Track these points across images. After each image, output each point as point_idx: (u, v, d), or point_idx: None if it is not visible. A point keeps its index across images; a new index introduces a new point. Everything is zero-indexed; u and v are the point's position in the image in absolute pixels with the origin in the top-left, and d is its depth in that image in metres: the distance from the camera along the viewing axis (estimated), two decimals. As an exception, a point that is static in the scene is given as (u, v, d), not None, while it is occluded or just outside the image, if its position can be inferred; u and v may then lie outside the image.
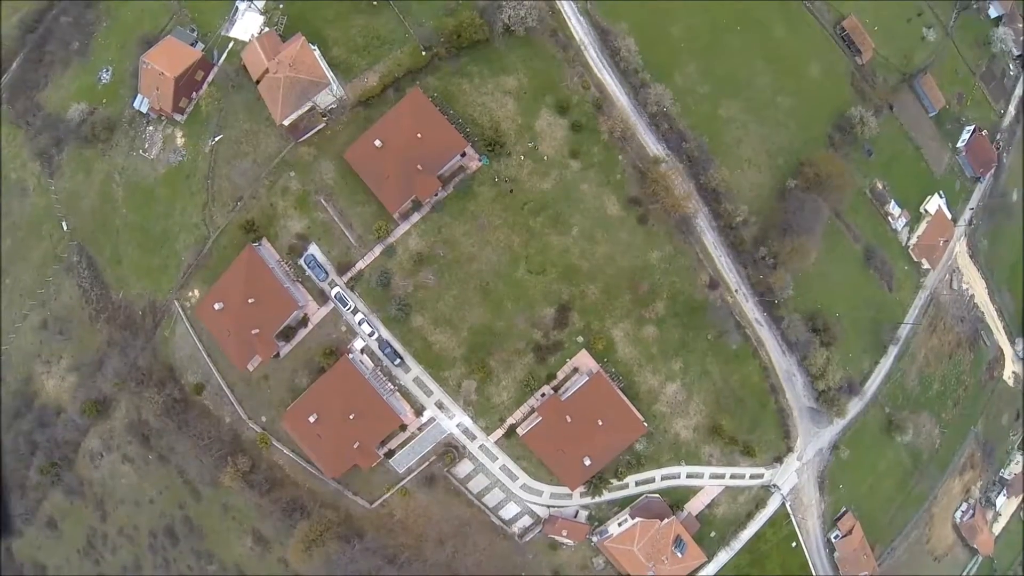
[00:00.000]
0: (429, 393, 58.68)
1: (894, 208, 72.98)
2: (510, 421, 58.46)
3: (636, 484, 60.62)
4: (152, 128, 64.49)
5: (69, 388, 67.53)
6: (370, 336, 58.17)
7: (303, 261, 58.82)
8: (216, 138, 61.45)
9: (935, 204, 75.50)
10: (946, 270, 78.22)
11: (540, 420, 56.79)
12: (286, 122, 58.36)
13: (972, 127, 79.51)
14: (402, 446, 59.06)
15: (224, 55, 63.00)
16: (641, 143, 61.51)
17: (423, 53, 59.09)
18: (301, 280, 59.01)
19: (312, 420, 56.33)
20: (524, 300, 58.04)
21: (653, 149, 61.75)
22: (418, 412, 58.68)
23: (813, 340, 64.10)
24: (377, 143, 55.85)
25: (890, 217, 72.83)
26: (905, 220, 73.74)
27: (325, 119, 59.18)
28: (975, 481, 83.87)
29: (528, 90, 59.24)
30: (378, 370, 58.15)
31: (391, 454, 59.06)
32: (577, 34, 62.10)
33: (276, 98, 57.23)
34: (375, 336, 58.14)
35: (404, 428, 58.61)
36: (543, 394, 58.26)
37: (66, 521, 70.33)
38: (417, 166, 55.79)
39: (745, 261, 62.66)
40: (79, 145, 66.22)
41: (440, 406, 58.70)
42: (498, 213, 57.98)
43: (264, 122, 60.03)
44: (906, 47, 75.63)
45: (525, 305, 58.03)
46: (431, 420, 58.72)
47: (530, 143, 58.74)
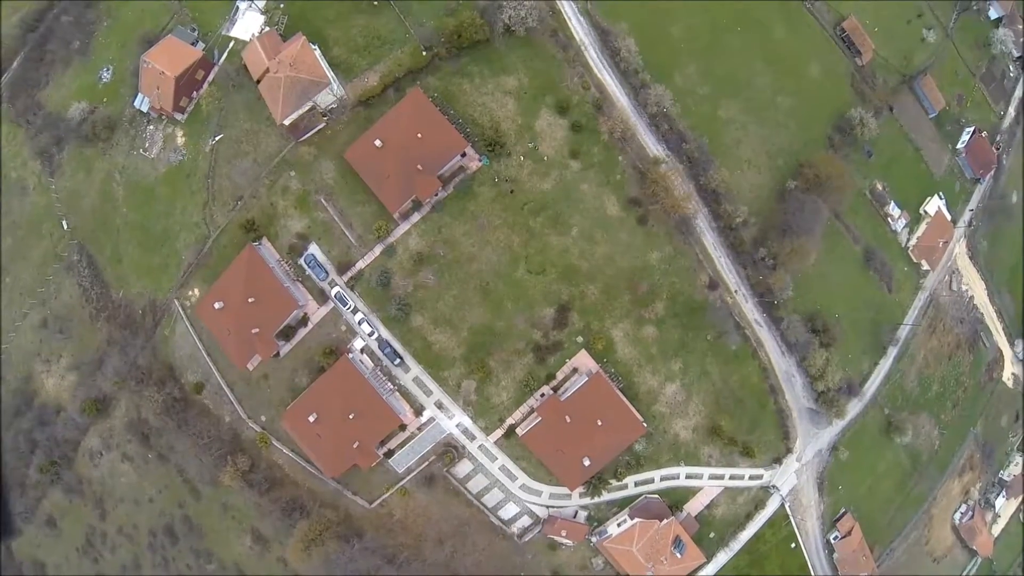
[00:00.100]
0: (429, 393, 58.77)
1: (894, 209, 73.04)
2: (509, 421, 58.54)
3: (635, 485, 60.70)
4: (153, 127, 64.56)
5: (69, 387, 67.62)
6: (370, 336, 58.24)
7: (303, 260, 58.92)
8: (216, 137, 61.54)
9: (935, 205, 75.59)
10: (946, 271, 78.26)
11: (539, 420, 56.88)
12: (286, 122, 58.44)
13: (972, 128, 79.55)
14: (401, 446, 59.14)
15: (225, 54, 63.07)
16: (641, 144, 61.60)
17: (423, 53, 59.18)
18: (301, 279, 59.08)
19: (312, 420, 56.42)
20: (524, 300, 58.13)
21: (653, 150, 61.83)
22: (418, 412, 58.76)
23: (812, 341, 64.16)
24: (377, 143, 55.93)
25: (890, 218, 72.90)
26: (905, 221, 73.81)
27: (325, 119, 59.27)
28: (974, 482, 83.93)
29: (528, 90, 59.33)
30: (378, 370, 58.22)
31: (390, 454, 59.14)
32: (577, 34, 62.19)
33: (277, 98, 57.32)
34: (375, 336, 58.21)
35: (404, 428, 58.68)
36: (542, 394, 58.33)
37: (65, 520, 70.43)
38: (417, 166, 55.88)
39: (745, 262, 62.75)
40: (80, 144, 66.34)
41: (440, 406, 58.78)
42: (498, 213, 58.06)
43: (264, 122, 60.12)
44: (906, 48, 75.71)
45: (525, 305, 58.12)
46: (431, 420, 58.79)
47: (530, 143, 58.84)
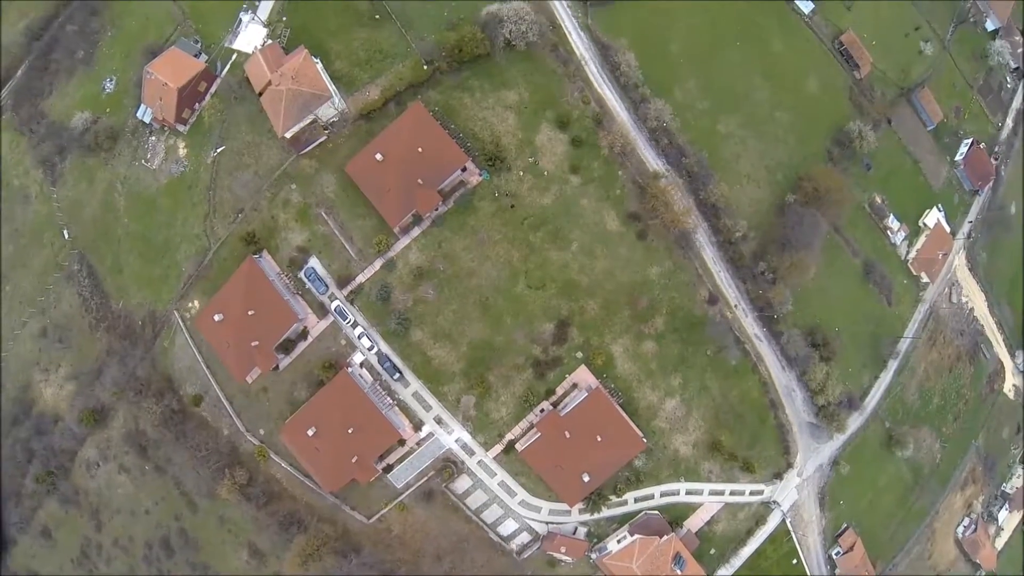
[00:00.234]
0: (428, 408, 58.60)
1: (893, 222, 73.15)
2: (509, 437, 58.34)
3: (635, 501, 60.36)
4: (155, 138, 64.79)
5: (67, 396, 67.42)
6: (369, 350, 58.15)
7: (303, 274, 58.93)
8: (218, 149, 61.73)
9: (934, 218, 75.75)
10: (945, 283, 78.22)
11: (539, 436, 56.65)
12: (288, 134, 58.62)
13: (970, 140, 79.87)
14: (400, 461, 58.88)
15: (227, 67, 63.38)
16: (641, 158, 61.78)
17: (425, 67, 59.45)
18: (301, 293, 59.07)
19: (311, 433, 56.22)
20: (523, 315, 58.09)
21: (653, 164, 62.00)
22: (417, 427, 58.56)
23: (812, 355, 64.03)
24: (378, 157, 56.09)
25: (889, 231, 73.01)
26: (904, 234, 73.91)
27: (327, 132, 59.45)
28: (977, 495, 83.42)
29: (529, 105, 59.56)
30: (377, 384, 58.06)
31: (389, 469, 58.87)
32: (578, 49, 62.53)
33: (278, 110, 57.53)
34: (374, 350, 58.11)
35: (403, 443, 58.46)
36: (542, 410, 58.17)
37: (61, 530, 69.98)
38: (418, 180, 55.99)
39: (744, 276, 62.77)
40: (82, 154, 66.56)
41: (439, 421, 58.59)
42: (498, 228, 58.14)
43: (266, 134, 60.31)
44: (904, 61, 76.21)
45: (524, 320, 58.07)
46: (430, 435, 58.57)
47: (530, 158, 59.01)
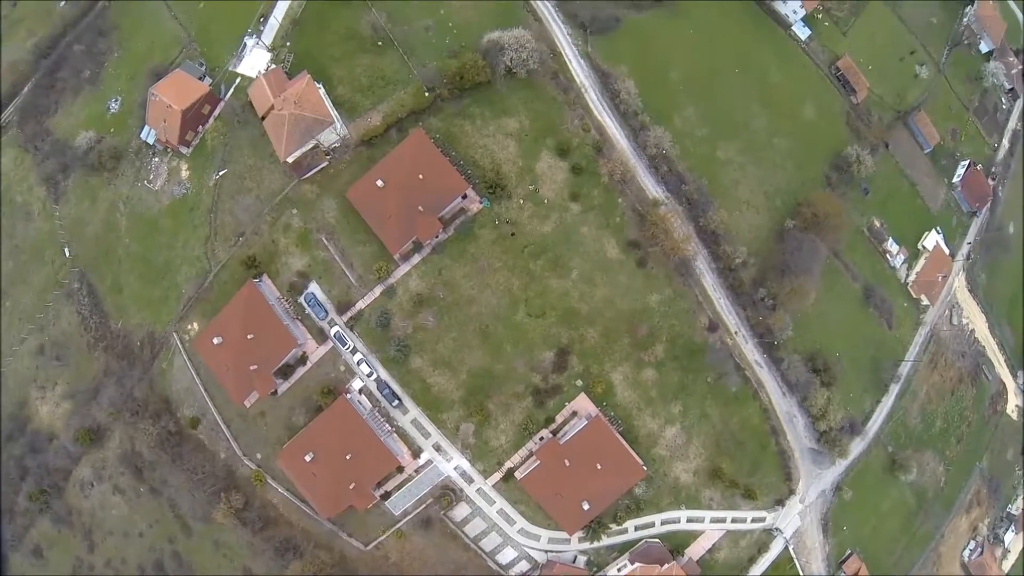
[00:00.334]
0: (427, 435, 58.27)
1: (892, 245, 73.45)
2: (508, 465, 57.97)
3: (635, 529, 59.77)
4: (158, 159, 65.16)
5: (63, 415, 66.97)
6: (369, 376, 57.94)
7: (303, 299, 58.94)
8: (220, 172, 62.01)
9: (933, 240, 76.06)
10: (945, 305, 78.24)
11: (538, 464, 56.25)
12: (290, 159, 58.94)
13: (967, 162, 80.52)
14: (399, 488, 58.40)
15: (231, 90, 63.97)
16: (641, 185, 62.11)
17: (426, 94, 59.92)
18: (301, 318, 59.02)
19: (308, 459, 55.83)
20: (523, 343, 57.99)
21: (652, 191, 62.32)
22: (415, 454, 58.17)
23: (813, 380, 63.87)
24: (379, 183, 56.35)
25: (888, 255, 73.26)
26: (903, 257, 74.18)
27: (328, 157, 59.77)
28: (982, 518, 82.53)
29: (529, 132, 59.98)
30: (376, 411, 57.77)
31: (387, 496, 58.36)
32: (578, 77, 63.14)
33: (280, 135, 57.89)
34: (374, 376, 57.91)
35: (401, 470, 58.02)
36: (541, 438, 57.85)
37: (53, 550, 68.98)
38: (418, 207, 56.19)
39: (744, 303, 62.84)
40: (85, 172, 66.93)
41: (438, 448, 58.24)
42: (498, 256, 58.22)
43: (268, 158, 60.64)
44: (900, 85, 77.12)
45: (524, 348, 57.95)
46: (428, 462, 58.16)
47: (531, 186, 59.28)
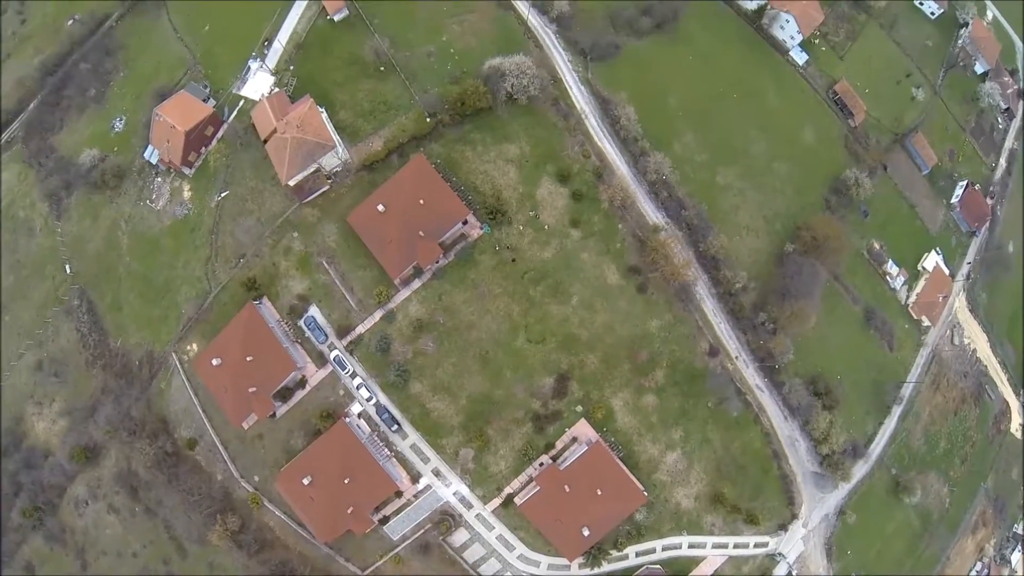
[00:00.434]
0: (426, 460, 57.96)
1: (892, 267, 73.59)
2: (508, 490, 57.58)
3: (636, 555, 59.18)
4: (160, 179, 65.57)
5: (59, 432, 66.59)
6: (368, 401, 57.77)
7: (303, 322, 58.96)
8: (222, 194, 62.34)
9: (932, 261, 76.20)
10: (947, 326, 78.17)
11: (538, 489, 55.87)
12: (291, 182, 59.31)
13: (965, 182, 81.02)
14: (397, 512, 57.95)
15: (234, 112, 64.57)
16: (641, 211, 62.38)
17: (427, 119, 60.40)
18: (300, 341, 58.96)
19: (306, 482, 55.47)
20: (523, 369, 57.86)
21: (652, 217, 62.58)
22: (414, 479, 57.80)
23: (815, 404, 63.64)
24: (380, 208, 56.64)
25: (888, 276, 73.38)
26: (903, 279, 74.31)
27: (329, 181, 60.13)
28: (988, 539, 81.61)
29: (530, 158, 60.38)
30: (375, 435, 57.51)
31: (385, 520, 57.89)
32: (578, 103, 63.74)
33: (283, 158, 58.31)
34: (373, 401, 57.74)
35: (400, 494, 57.63)
36: (541, 463, 57.53)
37: (44, 567, 68.08)
38: (419, 232, 56.38)
39: (745, 327, 62.82)
40: (88, 190, 67.29)
41: (437, 473, 57.89)
42: (498, 282, 58.31)
43: (270, 181, 61.02)
44: (897, 108, 77.88)
45: (524, 374, 57.81)
46: (427, 487, 57.76)
47: (531, 212, 59.52)
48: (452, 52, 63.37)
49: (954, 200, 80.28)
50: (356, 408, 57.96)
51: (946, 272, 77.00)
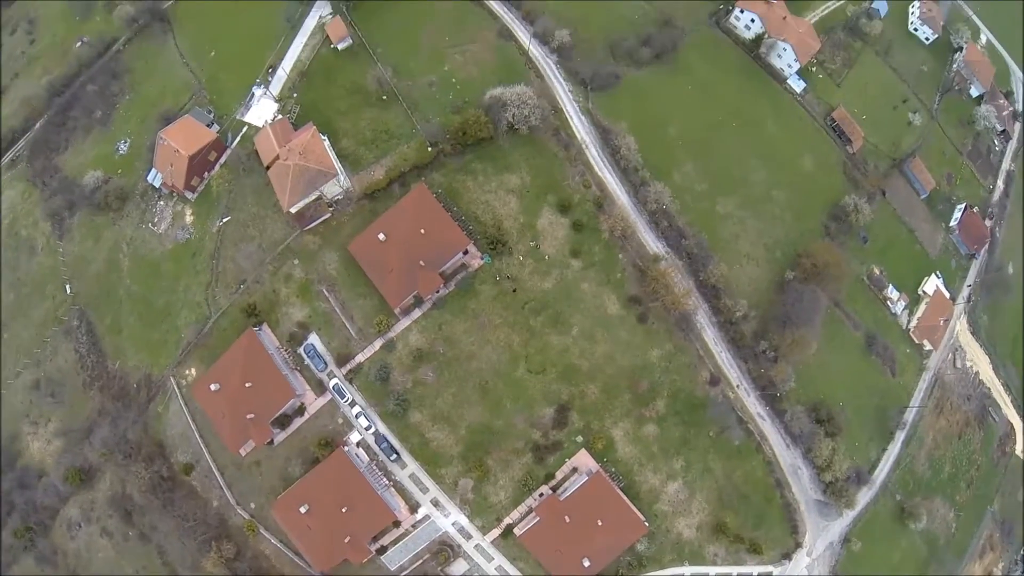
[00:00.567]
0: (425, 490, 57.50)
1: (892, 292, 73.62)
2: (507, 521, 57.03)
3: (637, 586, 58.50)
4: (163, 203, 65.95)
5: (54, 452, 66.12)
6: (367, 430, 57.49)
7: (303, 350, 58.89)
8: (224, 219, 62.67)
9: (933, 285, 76.27)
10: (948, 349, 77.95)
11: (538, 520, 55.34)
12: (293, 209, 59.62)
13: (963, 205, 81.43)
14: (395, 542, 57.27)
15: (238, 138, 65.21)
16: (641, 241, 62.59)
17: (429, 149, 60.90)
18: (300, 369, 58.84)
19: (303, 511, 54.97)
20: (523, 399, 57.70)
21: (653, 247, 62.77)
22: (413, 508, 57.25)
23: (817, 431, 63.21)
24: (381, 237, 56.88)
25: (889, 301, 73.35)
26: (904, 303, 74.29)
27: (331, 209, 60.47)
28: (996, 563, 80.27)
29: (531, 188, 60.77)
30: (374, 464, 57.12)
31: (383, 550, 57.14)
32: (579, 133, 64.34)
33: (285, 185, 58.72)
34: (372, 430, 57.47)
35: (398, 524, 57.05)
36: (541, 494, 57.04)
37: None
38: (420, 262, 56.55)
39: (746, 356, 62.69)
40: (91, 211, 67.67)
41: (436, 503, 57.38)
42: (499, 312, 58.39)
43: (272, 208, 61.39)
44: (894, 133, 78.59)
45: (524, 404, 57.63)
46: (426, 517, 57.23)
47: (532, 242, 59.73)
48: (454, 82, 64.20)
49: (953, 223, 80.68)
50: (355, 437, 57.66)
51: (947, 295, 77.03)
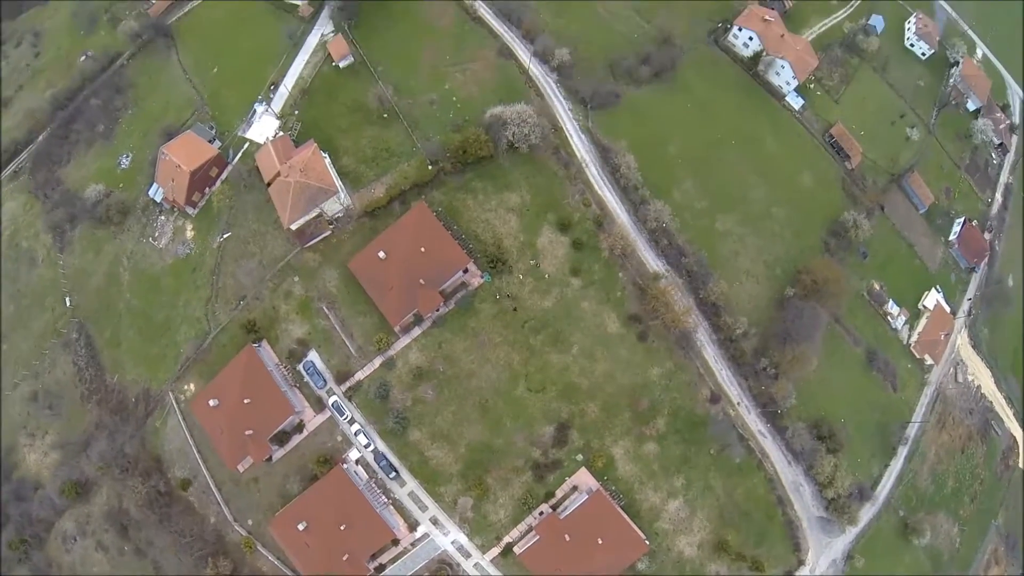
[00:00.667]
0: (424, 508, 57.24)
1: (892, 307, 73.64)
2: (507, 539, 56.69)
3: (638, 606, 58.05)
4: (164, 218, 66.18)
5: (51, 465, 65.81)
6: (366, 447, 57.34)
7: (302, 367, 58.86)
8: (224, 235, 62.87)
9: (933, 299, 76.28)
10: (950, 363, 77.78)
11: (538, 539, 55.03)
12: (293, 226, 59.83)
13: (962, 219, 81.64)
14: (393, 561, 56.95)
15: (239, 154, 65.57)
16: (641, 259, 62.68)
17: (429, 167, 61.17)
18: (299, 386, 58.80)
19: (301, 528, 54.70)
20: (523, 418, 57.59)
21: (653, 265, 62.87)
22: (412, 527, 56.97)
23: (819, 448, 62.91)
24: (381, 254, 57.01)
25: (889, 317, 73.32)
26: (904, 318, 74.25)
27: (331, 227, 60.70)
28: (1002, 577, 79.94)
29: (531, 207, 60.93)
30: (372, 482, 56.92)
31: (382, 568, 56.84)
32: (579, 152, 64.65)
33: (285, 202, 58.97)
34: (371, 448, 57.31)
35: (397, 542, 56.73)
36: (541, 512, 56.77)
37: None
38: (420, 280, 56.66)
39: (746, 373, 62.57)
40: (92, 225, 67.89)
41: (435, 522, 57.09)
42: (499, 330, 58.40)
43: (272, 224, 61.61)
44: (892, 148, 79.05)
45: (524, 423, 57.53)
46: (425, 536, 56.91)
47: (532, 260, 59.85)
48: (454, 100, 64.65)
49: (952, 237, 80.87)
50: (354, 454, 57.51)
51: (947, 309, 77.04)
